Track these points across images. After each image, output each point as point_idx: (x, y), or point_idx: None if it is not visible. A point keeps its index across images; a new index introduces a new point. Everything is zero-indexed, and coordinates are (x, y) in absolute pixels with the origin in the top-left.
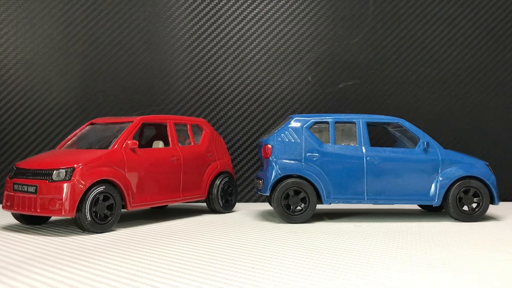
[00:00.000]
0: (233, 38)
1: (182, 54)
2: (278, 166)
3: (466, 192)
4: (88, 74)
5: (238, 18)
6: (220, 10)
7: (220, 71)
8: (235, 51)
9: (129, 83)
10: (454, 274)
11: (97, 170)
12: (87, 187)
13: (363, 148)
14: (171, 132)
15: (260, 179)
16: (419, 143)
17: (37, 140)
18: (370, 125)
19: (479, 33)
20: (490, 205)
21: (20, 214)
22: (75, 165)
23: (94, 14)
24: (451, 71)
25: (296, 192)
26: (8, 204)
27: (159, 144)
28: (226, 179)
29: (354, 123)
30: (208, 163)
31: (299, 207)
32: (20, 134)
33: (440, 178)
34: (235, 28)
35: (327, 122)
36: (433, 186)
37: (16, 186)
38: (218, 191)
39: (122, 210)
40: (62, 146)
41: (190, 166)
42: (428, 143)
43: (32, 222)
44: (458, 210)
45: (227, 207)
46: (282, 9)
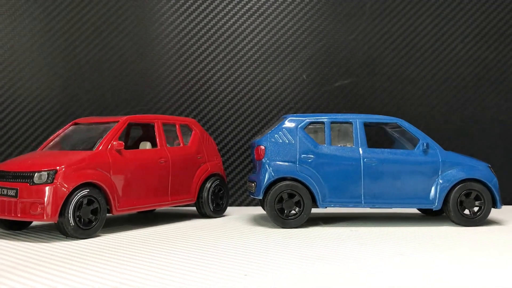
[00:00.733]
0: (224, 33)
1: (171, 51)
2: (271, 168)
3: (468, 195)
4: (71, 71)
5: (230, 13)
6: (211, 5)
7: (210, 68)
8: (227, 48)
9: (114, 80)
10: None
11: (81, 173)
12: (70, 190)
13: (360, 149)
14: (159, 132)
15: (252, 181)
16: (419, 144)
17: (17, 141)
18: (367, 125)
19: (481, 29)
20: (493, 209)
21: (0, 219)
22: (58, 167)
23: (78, 8)
24: (452, 69)
25: (290, 196)
26: None
27: (146, 145)
28: (217, 182)
29: (350, 123)
30: (198, 165)
31: (293, 211)
32: (0, 135)
33: (441, 181)
34: (226, 23)
35: (323, 122)
36: (433, 189)
37: None
38: (208, 194)
39: (107, 215)
40: (44, 147)
41: (179, 168)
42: (427, 144)
43: (12, 227)
44: (459, 214)
45: (218, 211)
46: (275, 3)
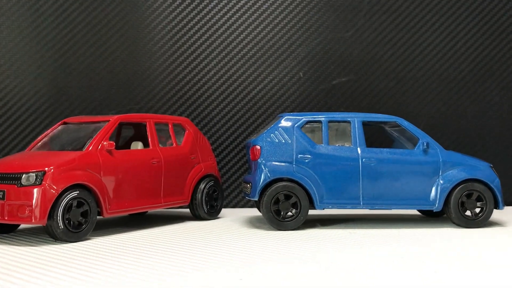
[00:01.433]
0: (218, 30)
1: (163, 48)
2: (267, 169)
3: (469, 196)
4: (60, 69)
5: (224, 9)
6: (204, 0)
7: (204, 65)
8: (221, 45)
9: (105, 79)
10: None
11: (70, 174)
12: (59, 192)
13: (359, 149)
14: (151, 132)
15: (248, 182)
16: (419, 144)
17: (5, 141)
18: (366, 124)
19: (483, 25)
20: (495, 210)
21: None
22: (46, 168)
23: (67, 4)
24: (453, 66)
25: (287, 197)
26: None
27: (138, 145)
28: (211, 183)
29: (348, 122)
30: (191, 165)
31: (290, 213)
32: None
33: (441, 181)
34: (220, 19)
35: (320, 122)
36: (433, 189)
37: None
38: (202, 196)
39: (98, 217)
40: (32, 148)
41: (172, 169)
42: (428, 144)
43: None
44: (460, 216)
45: (212, 213)
46: None
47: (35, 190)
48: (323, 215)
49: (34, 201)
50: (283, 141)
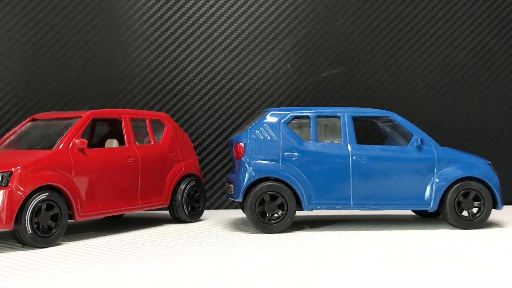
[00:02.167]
0: (200, 19)
1: (140, 38)
2: (251, 168)
3: (466, 195)
4: (30, 61)
5: None
6: None
7: (184, 57)
8: (202, 35)
9: (78, 71)
10: None
11: (39, 175)
12: (27, 194)
13: (349, 146)
14: (127, 129)
15: (231, 182)
16: (412, 140)
17: None
18: (356, 119)
19: (481, 13)
20: (493, 209)
21: None
22: (13, 168)
23: None
24: (449, 58)
25: (273, 197)
26: None
27: (112, 143)
28: (193, 183)
29: (338, 117)
30: (171, 164)
31: (276, 215)
32: None
33: (436, 180)
34: (201, 7)
35: (308, 117)
36: (428, 188)
37: None
38: (183, 197)
39: (69, 221)
40: None
41: (150, 169)
42: (422, 140)
43: None
44: (456, 216)
45: (194, 216)
46: None
47: (1, 192)
48: (312, 217)
49: None
50: (269, 138)
